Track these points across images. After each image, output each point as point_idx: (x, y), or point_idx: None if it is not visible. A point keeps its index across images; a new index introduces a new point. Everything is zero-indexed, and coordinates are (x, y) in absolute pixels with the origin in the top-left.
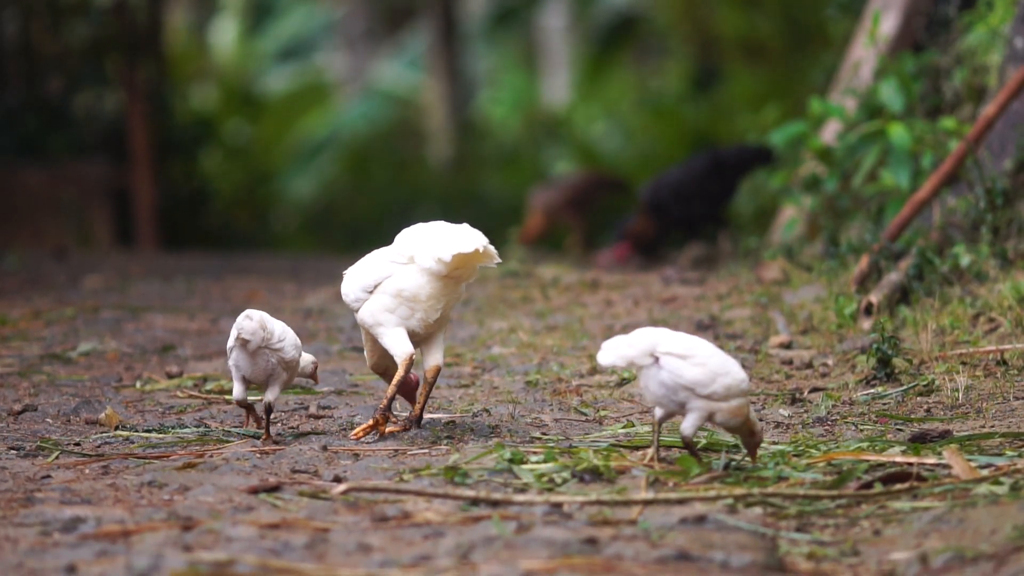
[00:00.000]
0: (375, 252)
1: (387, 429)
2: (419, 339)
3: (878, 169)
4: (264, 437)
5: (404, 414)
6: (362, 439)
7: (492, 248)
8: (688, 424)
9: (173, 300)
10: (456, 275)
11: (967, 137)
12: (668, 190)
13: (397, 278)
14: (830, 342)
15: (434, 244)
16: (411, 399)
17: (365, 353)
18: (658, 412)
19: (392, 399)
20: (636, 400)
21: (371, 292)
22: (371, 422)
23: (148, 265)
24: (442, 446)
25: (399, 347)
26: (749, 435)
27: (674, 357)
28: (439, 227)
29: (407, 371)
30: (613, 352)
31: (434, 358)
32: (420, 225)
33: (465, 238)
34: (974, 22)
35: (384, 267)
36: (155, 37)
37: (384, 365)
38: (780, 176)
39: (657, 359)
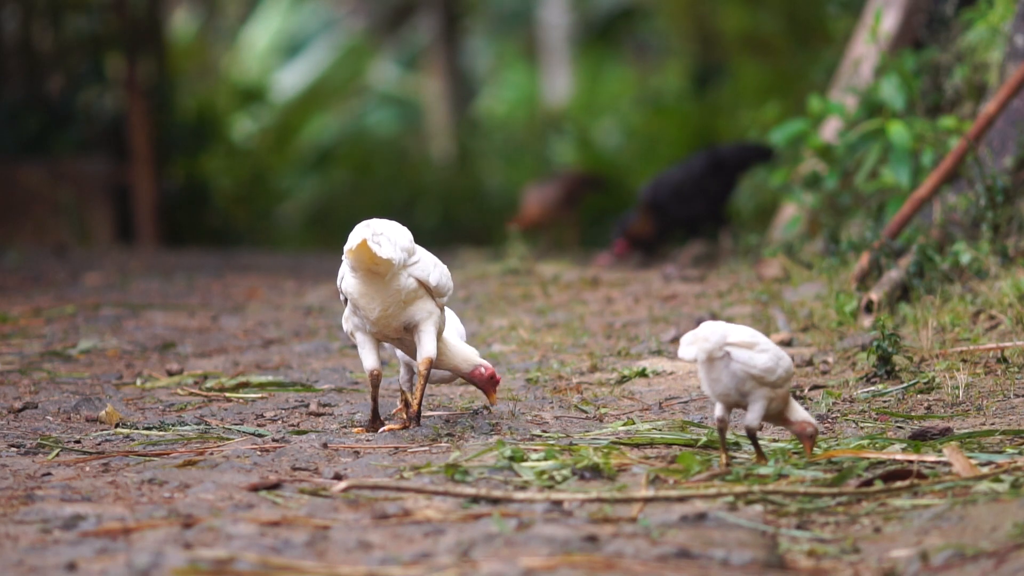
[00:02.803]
0: None
1: (387, 427)
2: (400, 341)
3: (879, 167)
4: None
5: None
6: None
7: (376, 243)
8: (754, 415)
9: (173, 297)
10: (376, 270)
11: (967, 134)
12: (668, 190)
13: (345, 279)
14: (830, 339)
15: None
16: (487, 389)
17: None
18: (719, 410)
19: (376, 411)
20: (636, 398)
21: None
22: (359, 430)
23: (148, 262)
24: (442, 443)
25: (365, 361)
26: (787, 422)
27: (743, 348)
28: (363, 224)
29: (375, 387)
30: (693, 346)
31: (423, 351)
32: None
33: (354, 234)
34: (974, 19)
35: (342, 268)
36: (155, 34)
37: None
38: (781, 174)
39: (727, 351)
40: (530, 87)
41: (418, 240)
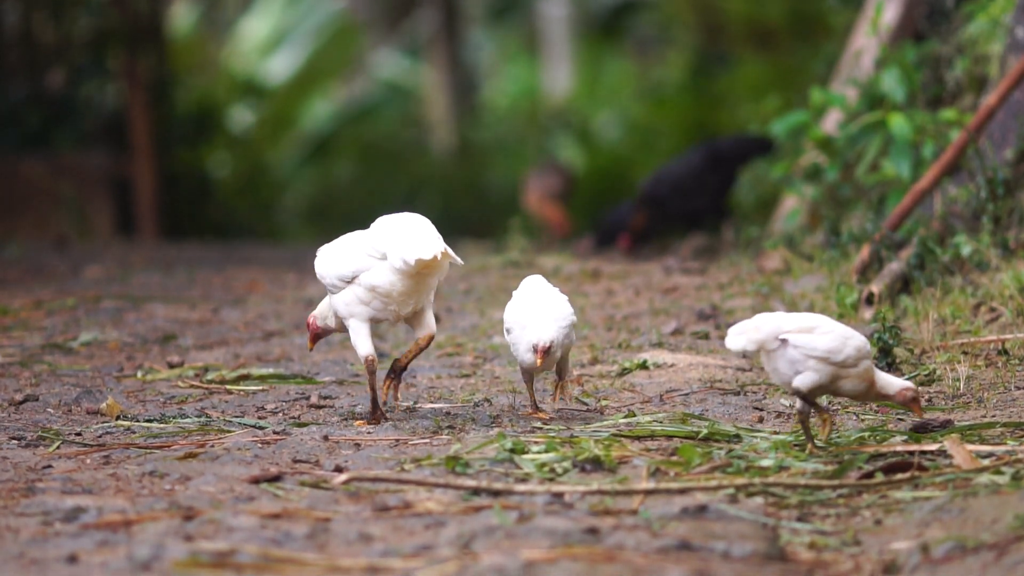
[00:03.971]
0: (351, 235)
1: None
2: (404, 317)
3: (879, 159)
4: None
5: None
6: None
7: (451, 252)
8: (805, 379)
9: (174, 290)
10: (425, 273)
11: (968, 127)
12: (667, 185)
13: (372, 274)
14: None
15: (402, 246)
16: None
17: (333, 317)
18: (800, 402)
19: (375, 400)
20: (637, 390)
21: (348, 282)
22: (362, 423)
23: (149, 255)
24: (443, 436)
25: (362, 347)
26: (885, 396)
27: (801, 333)
28: (411, 224)
29: (372, 372)
30: (743, 336)
31: (427, 327)
32: (394, 218)
33: (426, 244)
34: (975, 11)
35: (361, 259)
36: (156, 27)
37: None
38: (781, 166)
39: (784, 340)
40: (531, 80)
41: None
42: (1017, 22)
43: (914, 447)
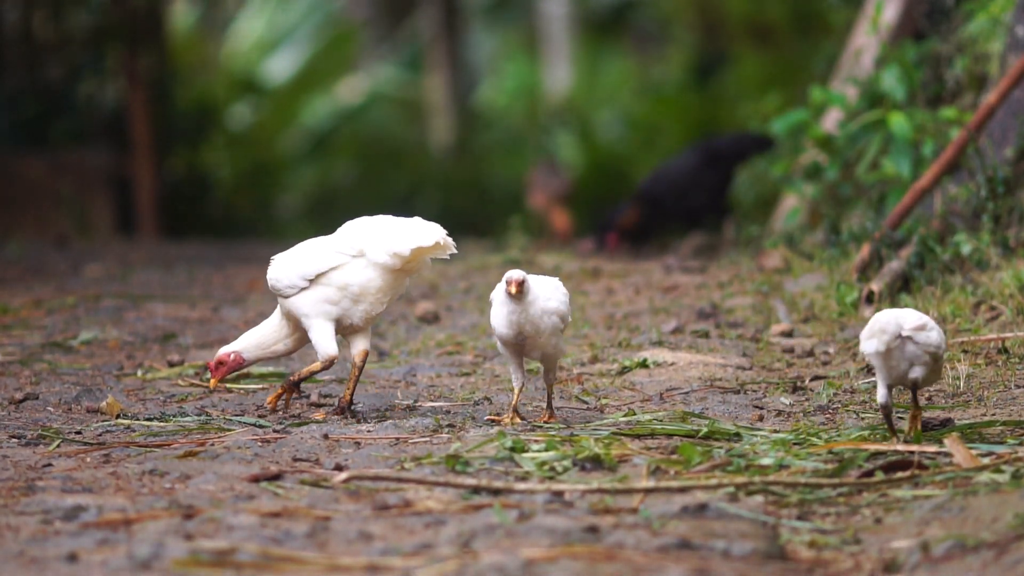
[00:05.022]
0: (313, 240)
1: (319, 414)
2: (350, 329)
3: (879, 157)
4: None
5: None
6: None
7: (450, 239)
8: (917, 372)
9: (174, 288)
10: (408, 268)
11: (968, 125)
12: (665, 185)
13: (346, 271)
14: (831, 330)
15: (388, 238)
16: None
17: (289, 336)
18: (885, 396)
19: (301, 380)
20: (637, 389)
21: (311, 280)
22: (279, 391)
23: (149, 253)
24: (443, 434)
25: (325, 346)
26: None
27: (919, 331)
28: (387, 221)
29: (325, 368)
30: (874, 340)
31: (362, 343)
32: (366, 218)
33: (424, 231)
34: (975, 10)
35: (330, 257)
36: (156, 25)
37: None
38: (781, 164)
39: (907, 337)
40: (530, 78)
41: None
42: (1017, 21)
43: (914, 446)
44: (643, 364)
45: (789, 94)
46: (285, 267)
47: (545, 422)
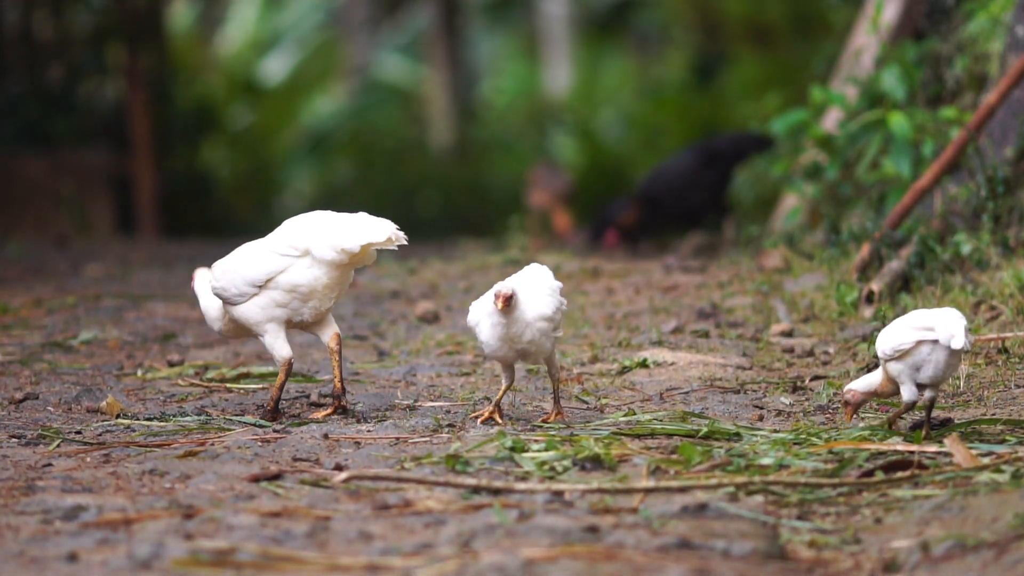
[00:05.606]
0: (250, 245)
1: (320, 414)
2: (302, 325)
3: (879, 157)
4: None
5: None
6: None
7: (400, 232)
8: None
9: (174, 288)
10: (354, 262)
11: (968, 125)
12: (663, 184)
13: (293, 273)
14: (831, 330)
15: (334, 235)
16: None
17: (220, 324)
18: (913, 392)
19: (278, 400)
20: (637, 388)
21: (260, 287)
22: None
23: (149, 253)
24: (443, 434)
25: (280, 351)
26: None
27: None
28: (330, 217)
29: (287, 375)
30: (964, 338)
31: (330, 329)
32: (303, 217)
33: (374, 227)
34: (975, 10)
35: (276, 261)
36: (156, 25)
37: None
38: (782, 164)
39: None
40: (530, 78)
41: (418, 231)
42: (1017, 20)
43: (914, 446)
44: (643, 364)
45: (789, 94)
46: (231, 275)
47: (551, 420)
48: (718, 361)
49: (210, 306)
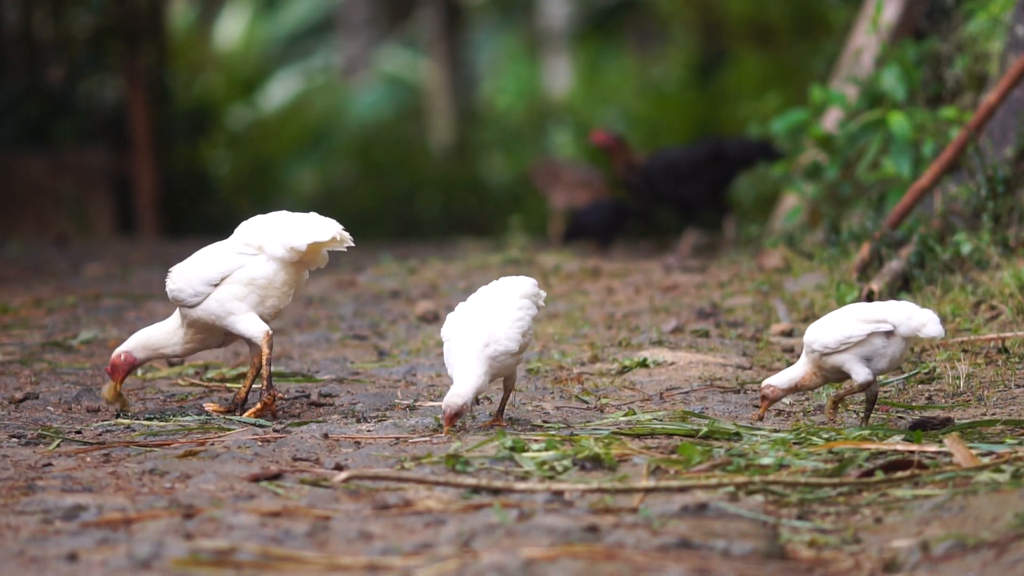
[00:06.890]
0: (210, 247)
1: (250, 412)
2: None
3: (880, 157)
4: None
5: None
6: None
7: (346, 233)
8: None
9: None
10: (306, 261)
11: (968, 125)
12: (661, 165)
13: (249, 268)
14: None
15: (284, 233)
16: None
17: (180, 347)
18: (867, 372)
19: (271, 377)
20: (637, 388)
21: (216, 285)
22: (260, 405)
23: (149, 253)
24: (443, 434)
25: (256, 328)
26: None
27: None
28: (283, 217)
29: (271, 347)
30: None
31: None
32: (260, 217)
33: (320, 227)
34: (975, 10)
35: (230, 259)
36: (156, 24)
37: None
38: (782, 164)
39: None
40: (531, 77)
41: (418, 230)
42: (1017, 20)
43: (914, 446)
44: (643, 364)
45: (789, 94)
46: (187, 276)
47: (490, 426)
48: (718, 361)
49: (163, 335)
